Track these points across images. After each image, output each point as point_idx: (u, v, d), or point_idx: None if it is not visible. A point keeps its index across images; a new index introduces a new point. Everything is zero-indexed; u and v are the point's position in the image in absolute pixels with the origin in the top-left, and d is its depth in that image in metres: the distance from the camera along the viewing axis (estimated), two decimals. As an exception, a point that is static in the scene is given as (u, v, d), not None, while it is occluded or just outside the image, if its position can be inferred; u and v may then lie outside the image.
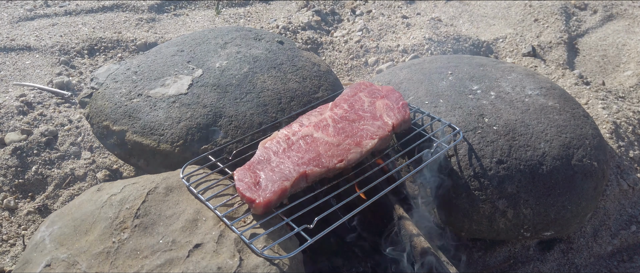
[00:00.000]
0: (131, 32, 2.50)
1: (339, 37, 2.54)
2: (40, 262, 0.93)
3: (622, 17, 2.73)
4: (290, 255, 0.96)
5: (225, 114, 1.32)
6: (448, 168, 1.31)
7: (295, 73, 1.48)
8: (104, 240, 0.94)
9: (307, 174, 1.06)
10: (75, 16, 2.65)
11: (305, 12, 2.71)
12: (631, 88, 2.15)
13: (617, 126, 1.80)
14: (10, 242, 1.47)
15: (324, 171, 1.08)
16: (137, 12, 2.73)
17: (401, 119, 1.25)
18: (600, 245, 1.59)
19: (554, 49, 2.43)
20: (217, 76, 1.42)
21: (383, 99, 1.31)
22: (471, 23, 2.70)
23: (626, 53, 2.41)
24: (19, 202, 1.58)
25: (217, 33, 1.66)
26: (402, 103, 1.30)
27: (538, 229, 1.32)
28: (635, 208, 1.67)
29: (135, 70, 1.48)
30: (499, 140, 1.31)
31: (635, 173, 1.70)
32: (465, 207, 1.29)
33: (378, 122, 1.23)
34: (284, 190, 1.01)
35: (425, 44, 2.39)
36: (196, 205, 1.04)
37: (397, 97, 1.32)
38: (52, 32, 2.43)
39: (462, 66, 1.61)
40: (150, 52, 1.61)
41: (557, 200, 1.29)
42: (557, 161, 1.30)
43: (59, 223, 1.02)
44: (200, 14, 2.78)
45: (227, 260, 0.92)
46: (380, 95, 1.33)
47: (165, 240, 0.94)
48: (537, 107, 1.41)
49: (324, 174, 1.09)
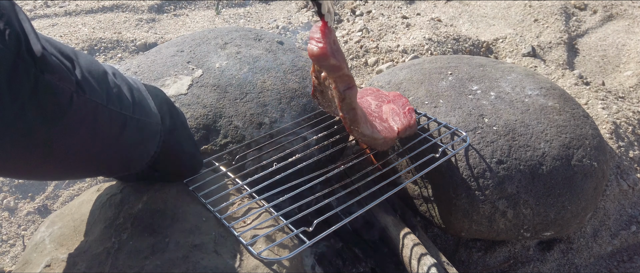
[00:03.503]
0: (131, 32, 2.50)
1: (338, 37, 2.54)
2: (40, 262, 0.93)
3: (622, 17, 2.73)
4: (288, 256, 0.96)
5: (225, 114, 1.32)
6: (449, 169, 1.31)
7: (295, 73, 1.48)
8: (104, 240, 0.94)
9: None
10: (75, 16, 2.65)
11: (305, 13, 2.71)
12: (631, 88, 2.15)
13: (617, 126, 1.80)
14: (10, 243, 1.47)
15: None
16: (137, 12, 2.73)
17: (407, 124, 1.26)
18: (600, 245, 1.59)
19: (553, 50, 2.43)
20: (217, 76, 1.42)
21: (389, 103, 1.32)
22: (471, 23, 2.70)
23: (626, 53, 2.42)
24: (19, 202, 1.58)
25: (217, 33, 1.66)
26: (409, 108, 1.31)
27: (538, 229, 1.32)
28: (635, 209, 1.67)
29: (135, 70, 1.48)
30: (498, 140, 1.31)
31: (635, 173, 1.70)
32: (465, 207, 1.29)
33: (385, 124, 1.23)
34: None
35: (425, 44, 2.39)
36: (196, 205, 1.04)
37: (403, 102, 1.33)
38: (52, 32, 2.43)
39: (462, 66, 1.61)
40: (150, 52, 1.61)
41: (557, 200, 1.29)
42: (557, 161, 1.30)
43: (59, 224, 1.02)
44: (200, 14, 2.78)
45: (227, 260, 0.92)
46: (387, 99, 1.33)
47: (165, 241, 0.94)
48: (537, 107, 1.41)
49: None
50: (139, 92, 0.89)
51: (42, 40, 0.67)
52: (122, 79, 0.86)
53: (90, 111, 0.73)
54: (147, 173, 1.00)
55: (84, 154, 0.79)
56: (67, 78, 0.69)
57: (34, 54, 0.63)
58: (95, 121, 0.75)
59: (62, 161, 0.76)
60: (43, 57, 0.64)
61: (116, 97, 0.80)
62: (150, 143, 0.92)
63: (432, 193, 1.35)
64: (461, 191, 1.29)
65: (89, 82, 0.73)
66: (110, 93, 0.78)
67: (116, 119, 0.80)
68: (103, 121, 0.77)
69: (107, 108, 0.77)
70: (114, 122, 0.79)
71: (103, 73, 0.80)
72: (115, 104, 0.79)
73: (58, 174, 0.86)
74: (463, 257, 1.56)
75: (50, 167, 0.77)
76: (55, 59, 0.68)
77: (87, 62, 0.77)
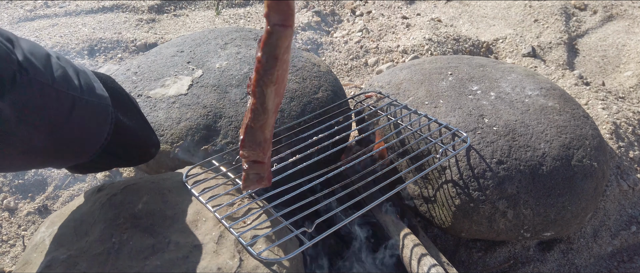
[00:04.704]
0: (131, 32, 2.50)
1: (338, 37, 2.54)
2: (40, 263, 0.93)
3: (622, 17, 2.73)
4: (288, 257, 0.96)
5: (225, 114, 1.32)
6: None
7: (295, 73, 1.48)
8: (104, 240, 0.94)
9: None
10: (75, 17, 2.65)
11: (305, 13, 2.71)
12: (631, 89, 2.15)
13: (617, 126, 1.80)
14: (10, 243, 1.47)
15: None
16: (137, 12, 2.73)
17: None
18: (601, 245, 1.59)
19: (553, 50, 2.43)
20: (217, 76, 1.42)
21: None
22: (471, 24, 2.70)
23: (626, 54, 2.42)
24: (19, 202, 1.58)
25: (217, 34, 1.66)
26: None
27: (538, 230, 1.32)
28: (636, 209, 1.67)
29: (135, 70, 1.48)
30: (498, 141, 1.31)
31: (635, 174, 1.70)
32: (465, 207, 1.29)
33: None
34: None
35: (425, 44, 2.39)
36: (196, 206, 1.04)
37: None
38: (52, 32, 2.43)
39: (462, 67, 1.61)
40: (150, 52, 1.61)
41: (557, 201, 1.29)
42: (557, 161, 1.30)
43: (59, 224, 1.02)
44: (200, 14, 2.78)
45: (227, 260, 0.92)
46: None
47: (166, 241, 0.94)
48: (537, 107, 1.41)
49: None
50: (86, 74, 0.88)
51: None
52: (67, 62, 0.85)
53: (36, 91, 0.72)
54: (102, 159, 0.97)
55: (32, 139, 0.77)
56: (8, 57, 0.68)
57: None
58: (42, 102, 0.74)
59: (10, 145, 0.74)
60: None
61: (62, 78, 0.79)
62: (102, 124, 0.90)
63: (432, 194, 1.35)
64: (461, 192, 1.29)
65: (32, 63, 0.73)
66: (56, 74, 0.77)
67: (64, 100, 0.78)
68: (50, 102, 0.76)
69: (53, 88, 0.76)
70: (62, 103, 0.78)
71: (46, 55, 0.79)
72: (62, 85, 0.78)
73: (8, 162, 0.83)
74: (463, 257, 1.56)
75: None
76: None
77: (29, 45, 0.77)
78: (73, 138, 0.85)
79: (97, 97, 0.87)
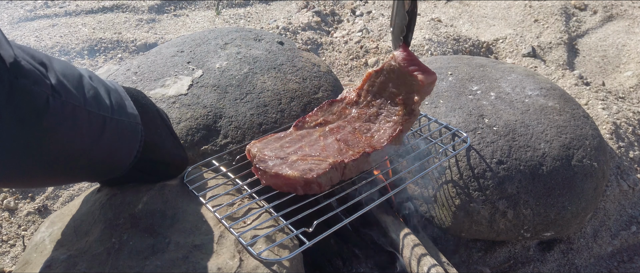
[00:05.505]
0: (131, 32, 2.50)
1: (338, 37, 2.54)
2: (40, 263, 0.93)
3: (622, 17, 2.73)
4: (288, 257, 0.96)
5: (225, 114, 1.32)
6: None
7: (295, 74, 1.48)
8: (104, 240, 0.94)
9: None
10: (75, 17, 2.65)
11: (305, 13, 2.71)
12: (631, 89, 2.15)
13: (617, 126, 1.80)
14: (10, 243, 1.47)
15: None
16: (137, 12, 2.73)
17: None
18: (601, 245, 1.59)
19: (554, 50, 2.43)
20: (217, 76, 1.42)
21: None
22: (471, 24, 2.70)
23: (626, 54, 2.42)
24: (19, 203, 1.58)
25: (217, 34, 1.66)
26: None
27: (538, 230, 1.32)
28: (636, 209, 1.67)
29: (135, 70, 1.48)
30: (499, 141, 1.31)
31: (636, 174, 1.70)
32: (466, 208, 1.29)
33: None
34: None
35: (425, 44, 2.39)
36: (197, 206, 1.04)
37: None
38: (52, 32, 2.43)
39: (462, 67, 1.61)
40: (150, 52, 1.61)
41: (557, 201, 1.29)
42: (557, 161, 1.30)
43: (59, 224, 1.02)
44: (200, 14, 2.79)
45: (227, 260, 0.92)
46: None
47: (166, 241, 0.94)
48: (537, 107, 1.41)
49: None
50: (117, 93, 0.90)
51: (14, 47, 0.68)
52: (99, 82, 0.87)
53: (68, 113, 0.74)
54: (131, 174, 1.00)
55: (64, 158, 0.79)
56: (42, 82, 0.70)
57: (5, 61, 0.64)
58: (74, 124, 0.76)
59: (43, 165, 0.77)
60: (15, 63, 0.66)
61: (93, 99, 0.81)
62: (132, 143, 0.92)
63: (433, 194, 1.35)
64: (461, 192, 1.29)
65: (64, 86, 0.74)
66: (87, 95, 0.80)
67: (95, 121, 0.81)
68: (82, 123, 0.78)
69: (85, 110, 0.78)
70: (94, 123, 0.80)
71: (79, 76, 0.81)
72: (93, 105, 0.80)
73: (41, 179, 0.86)
74: (463, 257, 1.55)
75: (31, 172, 0.78)
76: (28, 64, 0.69)
77: (62, 66, 0.78)
78: (104, 157, 0.88)
79: (127, 117, 0.89)
